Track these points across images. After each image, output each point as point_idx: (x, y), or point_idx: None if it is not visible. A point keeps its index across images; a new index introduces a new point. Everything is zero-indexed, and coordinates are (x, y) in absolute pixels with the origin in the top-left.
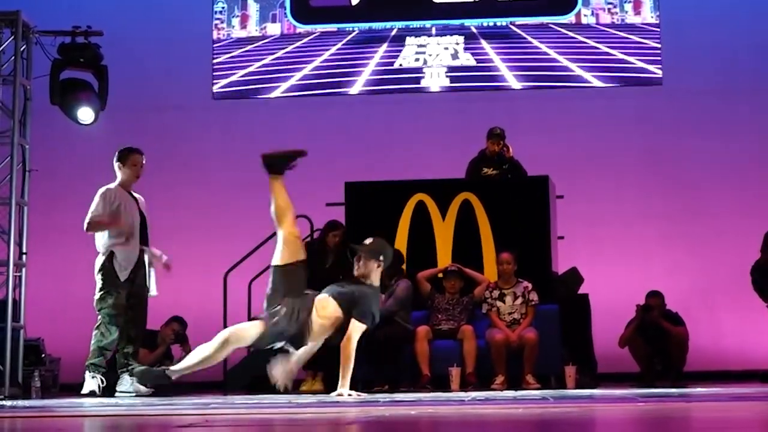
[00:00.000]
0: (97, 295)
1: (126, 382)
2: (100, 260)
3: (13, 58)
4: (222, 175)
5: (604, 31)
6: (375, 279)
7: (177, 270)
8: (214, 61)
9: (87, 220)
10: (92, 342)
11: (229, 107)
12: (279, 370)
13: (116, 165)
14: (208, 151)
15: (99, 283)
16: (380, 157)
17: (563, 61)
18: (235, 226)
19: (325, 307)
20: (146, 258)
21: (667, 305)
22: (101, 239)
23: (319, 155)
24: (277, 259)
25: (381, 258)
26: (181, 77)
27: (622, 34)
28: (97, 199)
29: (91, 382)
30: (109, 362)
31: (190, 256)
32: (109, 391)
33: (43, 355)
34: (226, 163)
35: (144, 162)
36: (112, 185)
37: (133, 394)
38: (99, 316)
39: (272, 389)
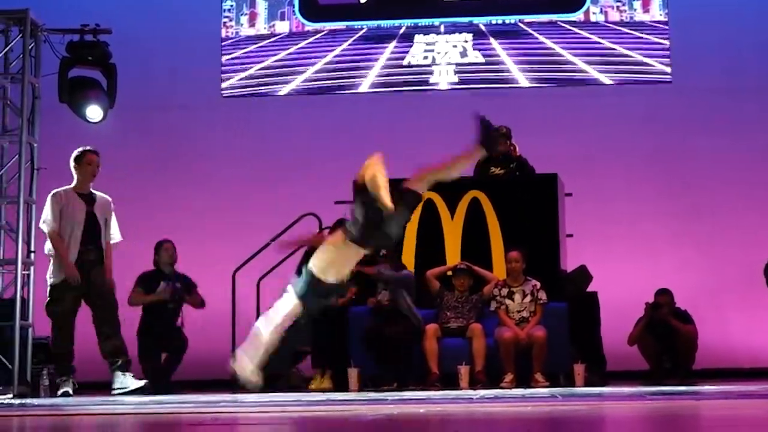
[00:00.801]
0: (47, 301)
1: (119, 380)
2: (50, 267)
3: (21, 56)
4: (230, 174)
5: (612, 28)
6: None
7: (186, 268)
8: (223, 59)
9: (46, 230)
10: (52, 348)
11: (238, 105)
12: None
13: (72, 166)
14: (216, 149)
15: (48, 289)
16: (389, 155)
17: (572, 58)
18: (242, 224)
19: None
20: (98, 256)
21: (676, 303)
22: (48, 248)
23: (327, 153)
24: None
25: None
26: (189, 75)
27: (630, 31)
28: (46, 205)
29: (64, 383)
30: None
31: (198, 255)
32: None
33: (51, 354)
34: (235, 162)
35: (99, 162)
36: (65, 187)
37: (128, 389)
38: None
39: (281, 388)
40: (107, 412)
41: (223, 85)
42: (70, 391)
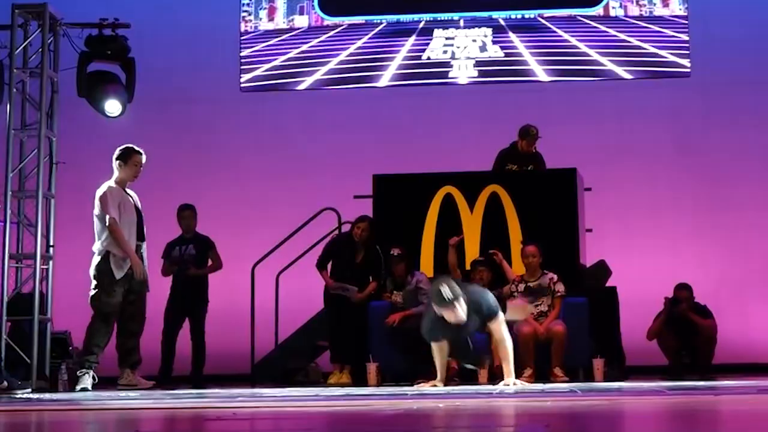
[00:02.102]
0: (92, 293)
1: (127, 376)
2: (96, 260)
3: (40, 50)
4: (249, 168)
5: (632, 23)
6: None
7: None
8: (242, 53)
9: (109, 222)
10: (85, 338)
11: (257, 100)
12: None
13: (116, 163)
14: (235, 143)
15: (94, 282)
16: (408, 150)
17: (591, 53)
18: (261, 219)
19: None
20: (144, 253)
21: (695, 298)
22: (99, 240)
23: (346, 148)
24: None
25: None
26: (208, 70)
27: (650, 26)
28: (106, 199)
29: (84, 378)
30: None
31: (218, 248)
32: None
33: (70, 348)
34: (253, 156)
35: (144, 163)
36: (111, 183)
37: (140, 387)
38: (93, 314)
39: (300, 383)
40: (126, 407)
41: (243, 79)
42: (89, 387)
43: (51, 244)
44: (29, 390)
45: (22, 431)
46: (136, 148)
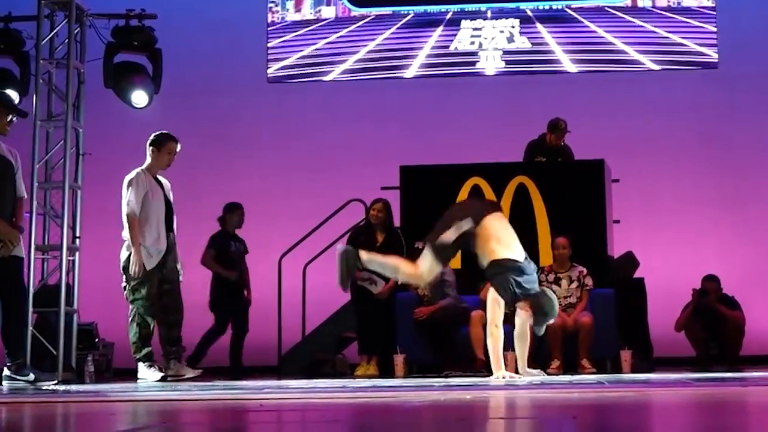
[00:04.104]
0: (128, 288)
1: (174, 367)
2: (125, 253)
3: (66, 41)
4: (276, 159)
5: (659, 14)
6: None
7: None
8: (269, 44)
9: (125, 212)
10: (131, 336)
11: (284, 91)
12: None
13: (150, 149)
14: (262, 134)
15: (124, 275)
16: (435, 141)
17: (619, 44)
18: (289, 210)
19: None
20: (174, 243)
21: (723, 289)
22: (127, 230)
23: (374, 139)
24: None
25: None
26: (235, 60)
27: (677, 17)
28: (131, 187)
29: (150, 371)
30: None
31: (245, 239)
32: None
33: (96, 340)
34: (280, 147)
35: (178, 150)
36: (141, 169)
37: (188, 375)
38: (132, 309)
39: (327, 374)
40: (151, 398)
41: (269, 70)
42: (157, 378)
43: (77, 235)
44: (55, 381)
45: (48, 423)
46: (172, 135)
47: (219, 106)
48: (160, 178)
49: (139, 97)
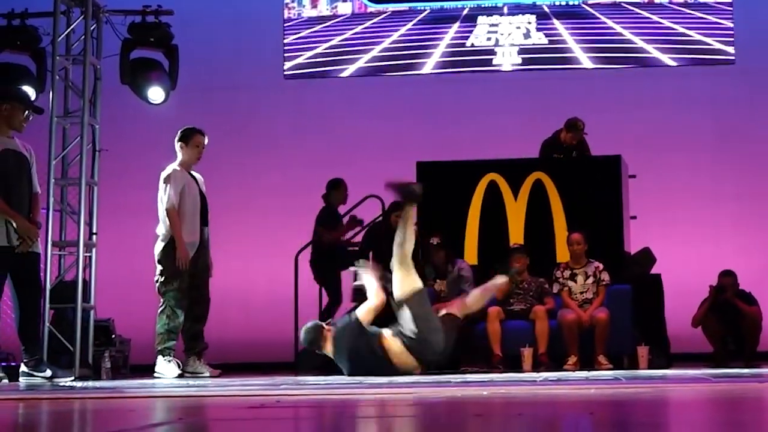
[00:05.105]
0: (161, 280)
1: (193, 364)
2: (160, 246)
3: (83, 37)
4: (292, 155)
5: (676, 9)
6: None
7: (248, 250)
8: (285, 40)
9: (165, 207)
10: (159, 326)
11: (300, 87)
12: None
13: (178, 144)
14: (279, 131)
15: (160, 268)
16: (452, 137)
17: (636, 40)
18: (305, 206)
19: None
20: (207, 238)
21: (739, 285)
22: (163, 225)
23: (390, 135)
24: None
25: None
26: (251, 57)
27: (694, 13)
28: (169, 183)
29: (169, 366)
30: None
31: (261, 237)
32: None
33: (113, 336)
34: (297, 143)
35: (206, 143)
36: (176, 165)
37: (205, 374)
38: (162, 300)
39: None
40: (169, 395)
41: (286, 66)
42: (175, 375)
43: (94, 231)
44: (72, 378)
45: (66, 419)
46: (198, 128)
47: (235, 102)
48: (194, 173)
49: (156, 94)
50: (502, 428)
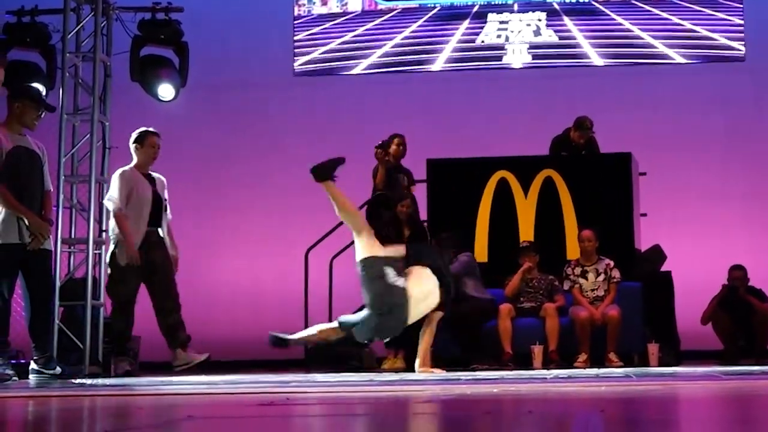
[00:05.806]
0: (109, 283)
1: (181, 357)
2: (110, 248)
3: (93, 34)
4: (303, 152)
5: (686, 7)
6: None
7: (258, 248)
8: (295, 37)
9: (113, 209)
10: (111, 329)
11: (310, 84)
12: None
13: (133, 146)
14: (289, 128)
15: (109, 270)
16: (462, 134)
17: (646, 37)
18: (316, 202)
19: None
20: (165, 238)
21: (749, 280)
22: (112, 227)
23: (400, 132)
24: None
25: None
26: (261, 54)
27: (704, 10)
28: (114, 184)
29: (122, 365)
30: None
31: (271, 234)
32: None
33: None
34: (307, 140)
35: (160, 144)
36: (128, 167)
37: (194, 361)
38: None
39: (355, 368)
40: (179, 392)
41: (296, 63)
42: (130, 369)
43: (104, 229)
44: (82, 375)
45: (76, 417)
46: (152, 130)
47: (245, 99)
48: (154, 174)
49: (166, 91)
50: (513, 426)
